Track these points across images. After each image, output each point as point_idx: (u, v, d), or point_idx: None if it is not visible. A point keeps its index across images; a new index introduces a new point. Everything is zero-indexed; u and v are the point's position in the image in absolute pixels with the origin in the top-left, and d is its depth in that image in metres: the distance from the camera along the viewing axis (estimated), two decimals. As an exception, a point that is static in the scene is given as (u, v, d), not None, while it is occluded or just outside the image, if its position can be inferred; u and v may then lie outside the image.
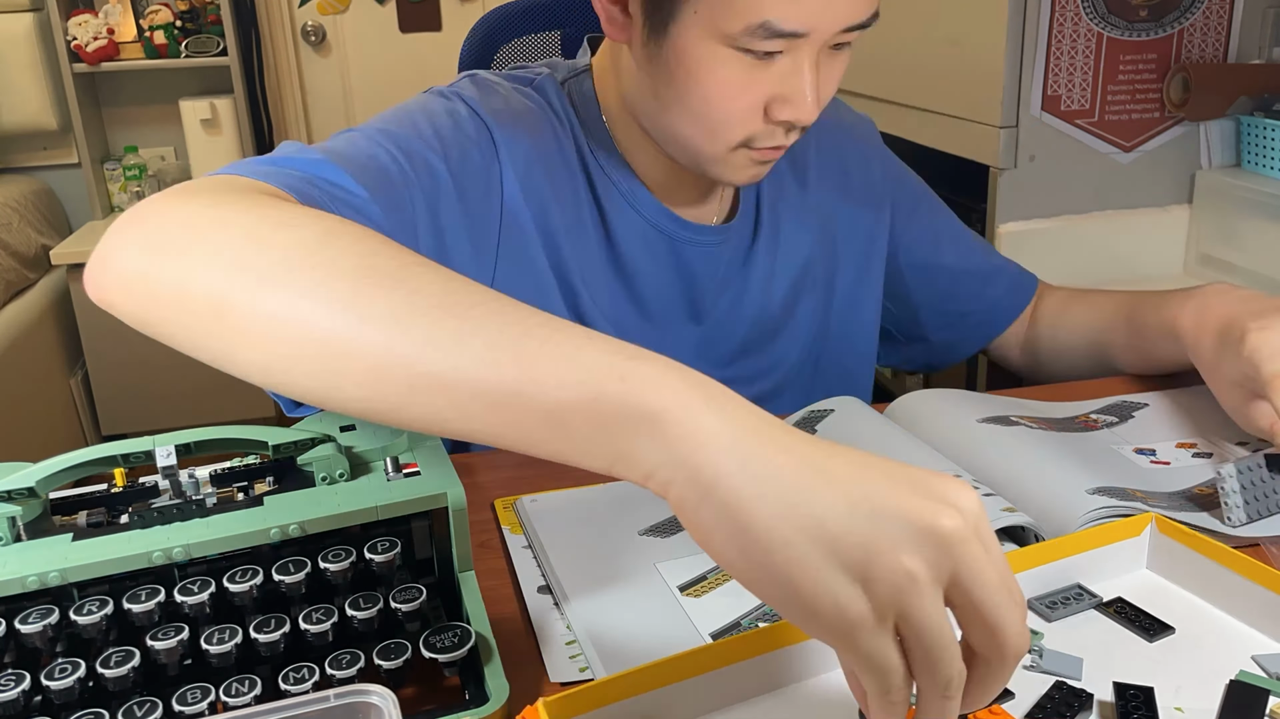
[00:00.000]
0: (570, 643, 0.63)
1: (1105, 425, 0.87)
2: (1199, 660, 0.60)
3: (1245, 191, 1.63)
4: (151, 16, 2.95)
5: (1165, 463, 0.81)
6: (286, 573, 0.58)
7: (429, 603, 0.63)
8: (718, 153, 0.85)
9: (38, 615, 0.55)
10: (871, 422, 0.83)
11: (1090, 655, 0.60)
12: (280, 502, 0.59)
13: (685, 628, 0.64)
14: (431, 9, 3.27)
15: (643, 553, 0.72)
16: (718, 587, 0.68)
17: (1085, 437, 0.84)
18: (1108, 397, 0.94)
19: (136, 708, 0.54)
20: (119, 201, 3.10)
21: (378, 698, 0.51)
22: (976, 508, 0.44)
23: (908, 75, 1.95)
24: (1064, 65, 1.65)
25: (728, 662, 0.56)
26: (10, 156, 3.10)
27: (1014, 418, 0.82)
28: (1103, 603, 0.65)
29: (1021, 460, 0.77)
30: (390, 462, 0.63)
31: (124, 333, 2.55)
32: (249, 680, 0.56)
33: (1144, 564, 0.69)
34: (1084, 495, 0.71)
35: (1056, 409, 0.91)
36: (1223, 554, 0.64)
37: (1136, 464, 0.81)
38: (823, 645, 0.56)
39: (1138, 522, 0.68)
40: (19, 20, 2.91)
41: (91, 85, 3.07)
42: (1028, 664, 0.60)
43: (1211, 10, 1.67)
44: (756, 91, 0.80)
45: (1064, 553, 0.66)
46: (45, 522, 0.60)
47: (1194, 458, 0.82)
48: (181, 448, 0.62)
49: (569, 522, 0.76)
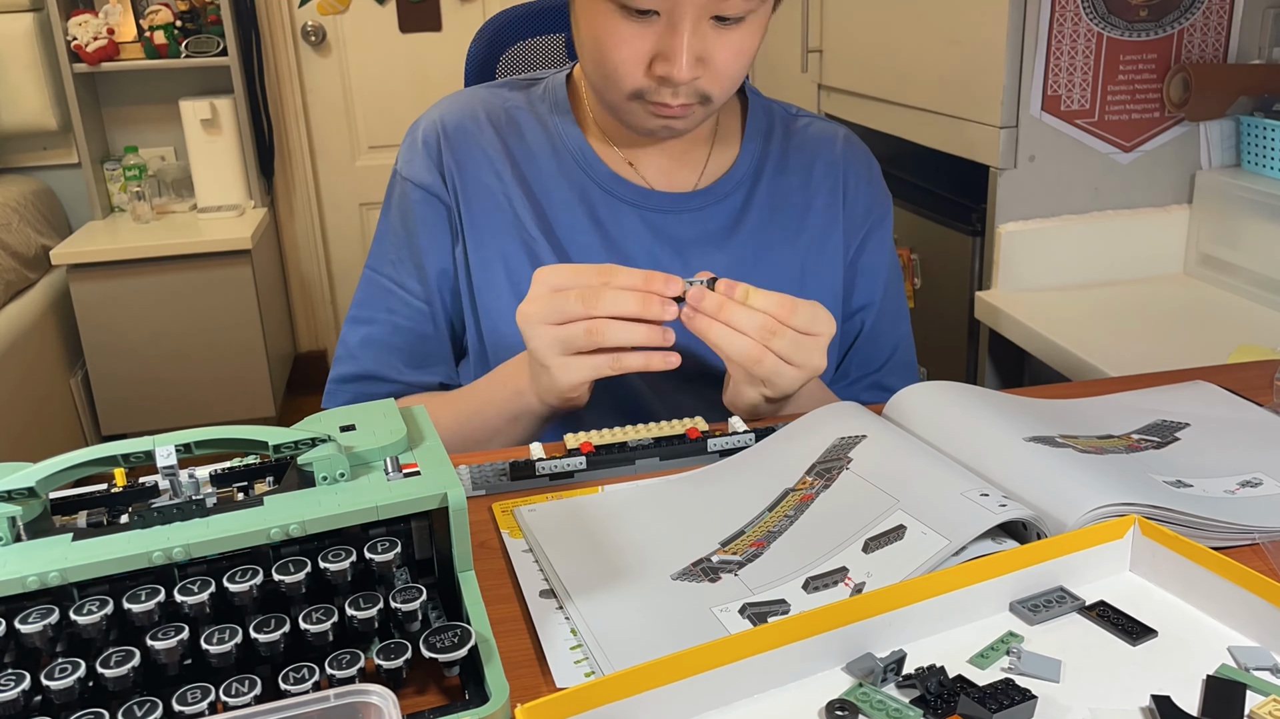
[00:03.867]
0: (575, 647, 0.63)
1: (1148, 447, 0.84)
2: (1181, 663, 0.60)
3: (1245, 191, 1.63)
4: (151, 16, 2.95)
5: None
6: (286, 573, 0.58)
7: (429, 603, 0.63)
8: (617, 100, 0.97)
9: (38, 615, 0.55)
10: (905, 443, 0.81)
11: (1072, 659, 0.60)
12: (280, 502, 0.59)
13: (694, 627, 0.64)
14: (431, 9, 3.27)
15: (643, 553, 0.72)
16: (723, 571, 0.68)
17: (1130, 458, 0.81)
18: (1142, 416, 0.90)
19: (136, 708, 0.54)
20: (119, 202, 3.10)
21: (378, 698, 0.51)
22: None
23: (908, 75, 1.95)
24: (1064, 65, 1.65)
25: (710, 666, 0.56)
26: (10, 156, 3.10)
27: (1059, 438, 0.81)
28: (1085, 606, 0.65)
29: (1026, 461, 0.77)
30: (390, 462, 0.63)
31: (124, 333, 2.57)
32: (249, 680, 0.56)
33: (1127, 566, 0.69)
34: (1086, 493, 0.71)
35: (1092, 424, 0.88)
36: (1205, 556, 0.64)
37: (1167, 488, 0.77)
38: (815, 648, 0.56)
39: (1120, 524, 0.68)
40: (19, 20, 2.91)
41: (91, 85, 3.07)
42: (1006, 667, 0.60)
43: (1211, 10, 1.67)
44: (638, 46, 0.91)
45: (1046, 555, 0.66)
46: (45, 522, 0.60)
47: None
48: (181, 448, 0.62)
49: (567, 528, 0.76)
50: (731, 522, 0.76)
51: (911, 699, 0.57)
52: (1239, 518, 0.72)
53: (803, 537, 0.72)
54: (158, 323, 2.87)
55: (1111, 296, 1.69)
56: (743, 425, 0.87)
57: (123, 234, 2.91)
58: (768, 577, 0.68)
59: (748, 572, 0.69)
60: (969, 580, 0.63)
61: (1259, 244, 1.62)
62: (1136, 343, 1.50)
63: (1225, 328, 1.53)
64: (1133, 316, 1.61)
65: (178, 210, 3.11)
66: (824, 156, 1.12)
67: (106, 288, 2.82)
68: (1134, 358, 1.42)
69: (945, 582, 0.62)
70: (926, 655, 0.61)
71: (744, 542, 0.73)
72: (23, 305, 2.71)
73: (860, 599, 0.60)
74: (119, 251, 2.80)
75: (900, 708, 0.56)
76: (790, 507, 0.76)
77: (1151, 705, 0.56)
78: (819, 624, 0.59)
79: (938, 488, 0.72)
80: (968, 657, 0.61)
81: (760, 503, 0.77)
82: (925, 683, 0.56)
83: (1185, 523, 0.71)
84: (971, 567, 0.63)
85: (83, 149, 2.98)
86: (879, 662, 0.58)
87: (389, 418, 0.69)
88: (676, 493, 0.81)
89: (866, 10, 2.11)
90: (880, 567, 0.67)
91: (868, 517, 0.72)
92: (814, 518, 0.74)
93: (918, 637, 0.62)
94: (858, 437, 0.82)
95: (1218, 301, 1.65)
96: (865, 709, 0.56)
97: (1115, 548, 0.68)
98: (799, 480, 0.79)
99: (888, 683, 0.58)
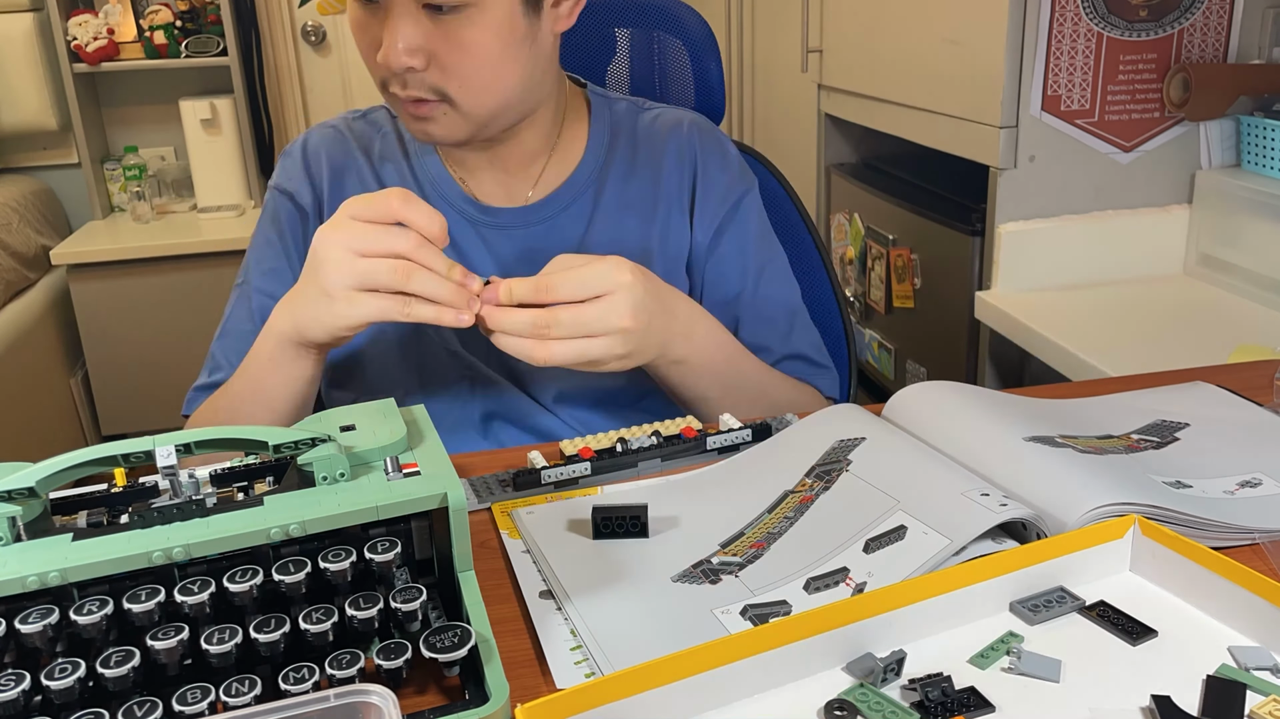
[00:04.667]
0: (575, 648, 0.63)
1: (1148, 447, 0.84)
2: (1181, 663, 0.60)
3: (1245, 191, 1.63)
4: (151, 16, 2.95)
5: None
6: (286, 573, 0.58)
7: (429, 603, 0.63)
8: (385, 97, 0.98)
9: (38, 615, 0.55)
10: (904, 445, 0.82)
11: (1072, 659, 0.60)
12: (280, 502, 0.59)
13: (696, 629, 0.64)
14: (431, 9, 3.27)
15: (643, 555, 0.72)
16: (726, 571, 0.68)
17: (1130, 458, 0.81)
18: (1142, 416, 0.90)
19: (136, 708, 0.54)
20: (119, 201, 3.10)
21: (378, 698, 0.51)
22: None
23: (908, 75, 1.95)
24: (1064, 65, 1.65)
25: (709, 666, 0.56)
26: (10, 156, 3.10)
27: (1059, 438, 0.81)
28: (1085, 606, 0.65)
29: (1026, 461, 0.77)
30: (390, 461, 0.63)
31: (124, 333, 2.57)
32: (249, 680, 0.56)
33: (1127, 567, 0.69)
34: (1086, 493, 0.71)
35: (1091, 424, 0.88)
36: (1205, 556, 0.64)
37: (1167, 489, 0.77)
38: (815, 648, 0.56)
39: (1120, 524, 0.68)
40: (19, 20, 2.91)
41: (91, 85, 3.07)
42: (1005, 667, 0.60)
43: (1211, 10, 1.67)
44: (371, 34, 0.93)
45: (1046, 555, 0.66)
46: (45, 522, 0.60)
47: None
48: (181, 448, 0.62)
49: (566, 530, 0.76)
50: (731, 523, 0.76)
51: (911, 703, 0.56)
52: (1238, 518, 0.72)
53: (803, 538, 0.72)
54: (158, 323, 2.87)
55: (1111, 296, 1.69)
56: (737, 423, 0.87)
57: (123, 234, 2.91)
58: (769, 578, 0.68)
59: (748, 573, 0.69)
60: (969, 580, 0.63)
61: (1259, 244, 1.62)
62: (1136, 343, 1.50)
63: (1225, 328, 1.53)
64: (1133, 316, 1.61)
65: (178, 210, 3.11)
66: (672, 147, 1.09)
67: (106, 288, 2.82)
68: (1134, 358, 1.42)
69: (945, 582, 0.62)
70: (926, 655, 0.61)
71: (744, 543, 0.73)
72: (23, 305, 2.71)
73: (860, 599, 0.60)
74: (119, 252, 2.80)
75: (898, 711, 0.56)
76: (790, 508, 0.76)
77: (1151, 705, 0.56)
78: (819, 624, 0.59)
79: (938, 488, 0.72)
80: (968, 657, 0.61)
81: (759, 505, 0.77)
82: (927, 691, 0.56)
83: (1185, 523, 0.71)
84: (971, 567, 0.63)
85: (83, 149, 2.98)
86: (879, 662, 0.58)
87: (389, 418, 0.69)
88: (675, 495, 0.81)
89: (866, 10, 2.11)
90: (881, 567, 0.67)
91: (868, 517, 0.72)
92: (814, 519, 0.74)
93: (918, 637, 0.62)
94: (857, 439, 0.82)
95: (1218, 301, 1.65)
96: (864, 710, 0.56)
97: (1115, 548, 0.68)
98: (798, 483, 0.79)
99: (888, 683, 0.58)
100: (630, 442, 0.84)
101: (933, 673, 0.58)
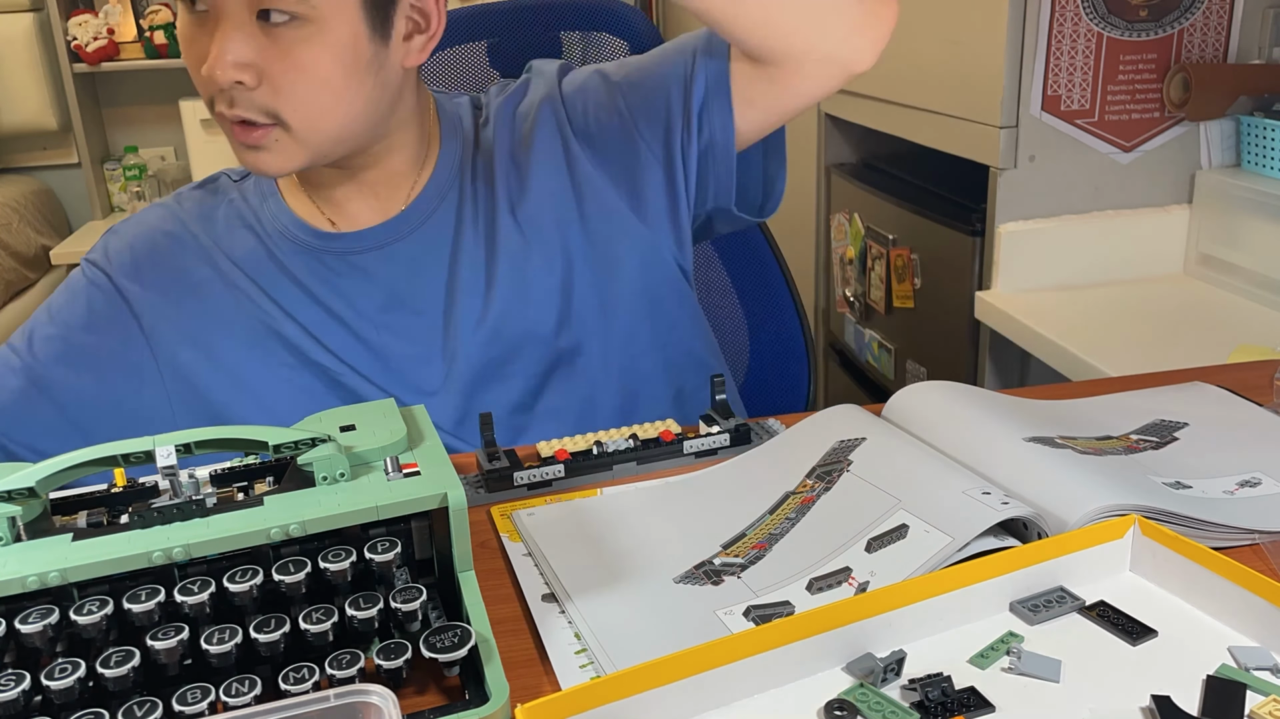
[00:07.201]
0: (580, 651, 0.63)
1: (1147, 448, 0.84)
2: (1181, 663, 0.60)
3: (1245, 191, 1.63)
4: (151, 16, 2.95)
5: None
6: (286, 573, 0.58)
7: (429, 603, 0.63)
8: (214, 116, 0.92)
9: (38, 615, 0.55)
10: (905, 445, 0.82)
11: (1072, 659, 0.60)
12: (280, 502, 0.59)
13: (699, 630, 0.64)
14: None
15: (644, 557, 0.72)
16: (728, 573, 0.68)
17: (1129, 459, 0.81)
18: (1141, 416, 0.90)
19: (136, 708, 0.54)
20: (119, 201, 3.10)
21: (378, 698, 0.51)
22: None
23: (908, 75, 1.95)
24: (1064, 65, 1.65)
25: (709, 666, 0.56)
26: (10, 156, 3.10)
27: (1058, 439, 0.81)
28: (1085, 606, 0.65)
29: (1026, 462, 0.77)
30: (390, 461, 0.63)
31: (124, 333, 2.40)
32: (249, 680, 0.56)
33: (1127, 566, 0.69)
34: (1087, 494, 0.71)
35: (1090, 425, 0.88)
36: (1205, 556, 0.64)
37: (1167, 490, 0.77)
38: (815, 648, 0.56)
39: (1120, 524, 0.68)
40: (19, 20, 2.91)
41: (91, 85, 3.07)
42: (1005, 667, 0.60)
43: (1211, 10, 1.67)
44: (200, 46, 0.87)
45: (1046, 555, 0.66)
46: (45, 522, 0.60)
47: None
48: (181, 448, 0.62)
49: (567, 531, 0.76)
50: (732, 524, 0.76)
51: (911, 703, 0.57)
52: (1238, 518, 0.72)
53: (805, 538, 0.72)
54: (158, 323, 2.86)
55: (1111, 296, 1.69)
56: (716, 427, 0.87)
57: (123, 234, 2.90)
58: (771, 578, 0.68)
59: (751, 574, 0.69)
60: (969, 580, 0.63)
61: (1259, 244, 1.62)
62: (1136, 343, 1.50)
63: (1225, 328, 1.53)
64: (1133, 316, 1.61)
65: (178, 210, 3.11)
66: (520, 110, 1.04)
67: (106, 288, 2.81)
68: (1134, 358, 1.42)
69: (945, 582, 0.62)
70: (926, 655, 0.61)
71: (746, 544, 0.73)
72: (23, 305, 2.71)
73: (860, 599, 0.60)
74: (119, 251, 2.79)
75: (898, 711, 0.56)
76: (791, 509, 0.76)
77: (1151, 705, 0.56)
78: (819, 624, 0.59)
79: (939, 487, 0.72)
80: (968, 657, 0.61)
81: (761, 506, 0.77)
82: (926, 691, 0.56)
83: (1185, 523, 0.71)
84: (971, 567, 0.63)
85: (83, 149, 2.98)
86: (879, 662, 0.58)
87: (389, 418, 0.69)
88: (675, 496, 0.81)
89: (866, 10, 2.10)
90: (884, 566, 0.67)
91: (870, 517, 0.72)
92: (815, 519, 0.74)
93: (918, 637, 0.62)
94: (857, 439, 0.82)
95: (1217, 301, 1.65)
96: (864, 710, 0.56)
97: (1115, 548, 0.68)
98: (799, 484, 0.79)
99: (888, 683, 0.58)
100: (606, 444, 0.84)
101: (933, 673, 0.58)
